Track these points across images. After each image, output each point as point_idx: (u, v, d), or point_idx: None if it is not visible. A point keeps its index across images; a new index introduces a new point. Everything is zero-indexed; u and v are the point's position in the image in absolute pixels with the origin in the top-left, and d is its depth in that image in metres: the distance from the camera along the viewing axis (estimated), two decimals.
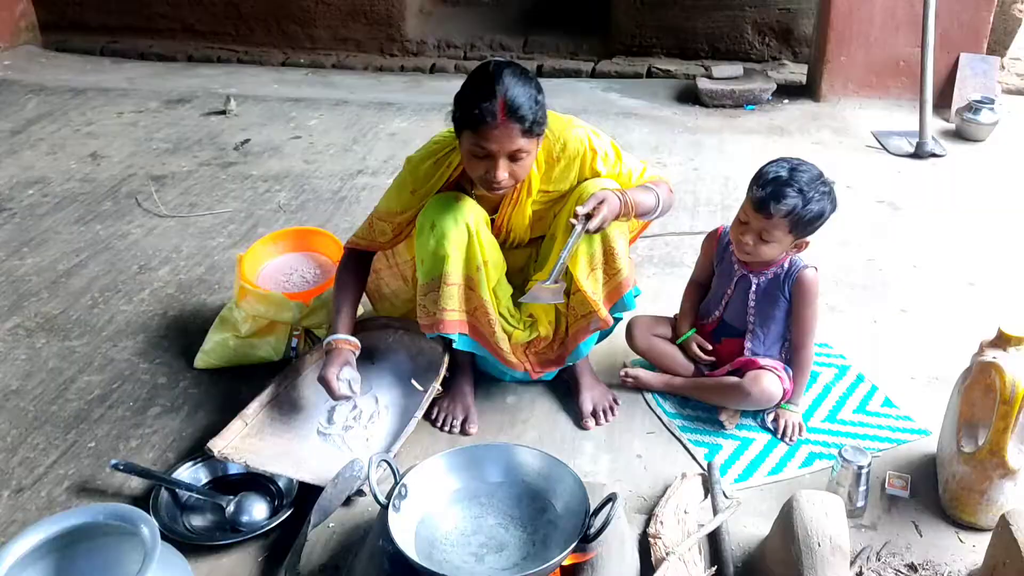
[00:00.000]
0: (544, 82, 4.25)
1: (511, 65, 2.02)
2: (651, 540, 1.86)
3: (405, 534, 1.72)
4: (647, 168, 2.35)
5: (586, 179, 2.22)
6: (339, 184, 3.81)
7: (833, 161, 3.97)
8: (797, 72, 5.11)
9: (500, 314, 2.29)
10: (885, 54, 4.49)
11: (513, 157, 2.01)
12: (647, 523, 1.94)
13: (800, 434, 2.30)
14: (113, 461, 2.15)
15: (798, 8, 5.28)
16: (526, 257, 2.41)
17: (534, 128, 1.99)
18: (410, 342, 2.46)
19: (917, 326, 2.76)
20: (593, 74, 5.48)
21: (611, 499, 1.67)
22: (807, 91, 4.78)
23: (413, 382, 2.29)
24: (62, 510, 1.99)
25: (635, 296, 2.36)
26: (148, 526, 1.68)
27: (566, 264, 2.12)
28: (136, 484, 2.18)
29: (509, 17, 6.21)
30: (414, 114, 4.59)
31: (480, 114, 1.93)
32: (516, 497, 1.84)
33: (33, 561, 1.73)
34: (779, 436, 2.29)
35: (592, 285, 2.23)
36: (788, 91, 4.80)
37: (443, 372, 2.31)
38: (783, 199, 2.08)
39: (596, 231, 2.11)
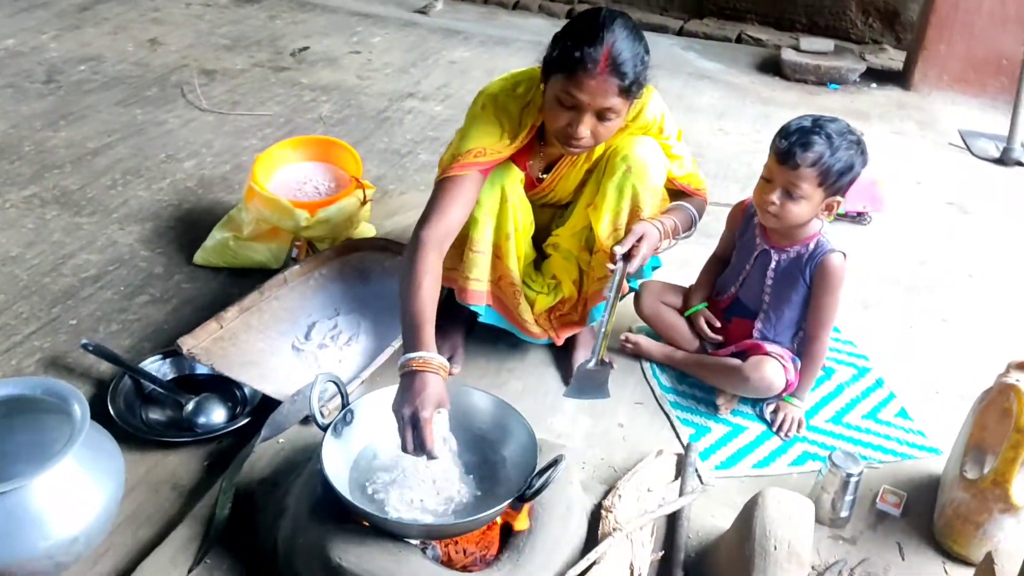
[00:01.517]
0: None
1: (624, 16, 1.83)
2: (603, 512, 1.73)
3: (339, 460, 1.63)
4: (696, 169, 2.20)
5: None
6: (386, 104, 3.70)
7: (910, 154, 3.71)
8: (896, 59, 4.78)
9: (523, 282, 2.18)
10: (987, 49, 4.13)
11: (602, 115, 1.83)
12: (606, 495, 1.81)
13: (798, 431, 2.13)
14: (84, 341, 2.10)
15: None
16: (551, 215, 2.27)
17: (632, 89, 1.82)
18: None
19: (956, 339, 2.53)
20: (680, 32, 5.23)
21: (556, 461, 1.54)
22: (898, 78, 4.46)
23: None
24: None
25: (653, 267, 2.21)
26: (80, 405, 1.64)
27: (607, 334, 2.01)
28: (105, 368, 2.14)
29: None
30: (480, 45, 4.43)
31: (580, 58, 1.75)
32: (466, 442, 1.72)
33: None
34: (774, 429, 2.13)
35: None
36: (878, 75, 4.48)
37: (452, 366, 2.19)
38: (810, 147, 1.90)
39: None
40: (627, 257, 1.96)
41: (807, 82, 4.36)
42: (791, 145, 1.91)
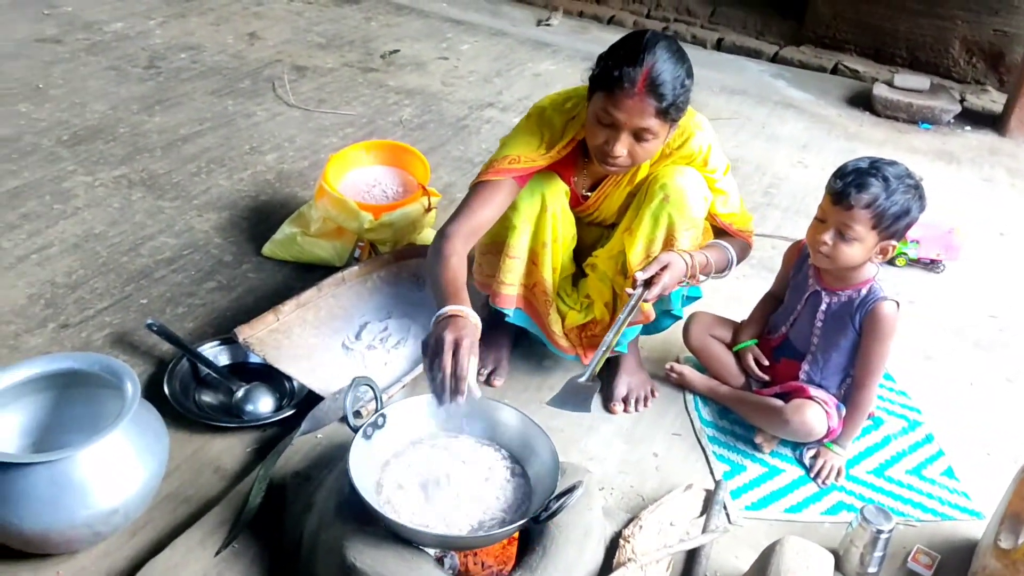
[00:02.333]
0: (716, 56, 4.04)
1: (669, 39, 1.86)
2: (621, 541, 1.74)
3: (366, 463, 1.67)
4: (742, 208, 2.17)
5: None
6: (466, 112, 3.76)
7: (996, 203, 3.58)
8: (998, 101, 4.61)
9: (557, 294, 2.20)
10: None
11: (639, 136, 1.85)
12: (628, 523, 1.82)
13: (837, 479, 2.09)
14: (149, 321, 2.21)
15: (1016, 33, 4.75)
16: (599, 235, 2.28)
17: (670, 111, 1.83)
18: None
19: (1018, 400, 2.44)
20: (774, 59, 5.15)
21: (573, 487, 1.56)
22: (995, 122, 4.31)
23: None
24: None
25: (693, 297, 2.20)
26: (132, 384, 1.73)
27: (607, 352, 1.95)
28: (166, 348, 2.24)
29: None
30: (567, 59, 4.46)
31: (619, 77, 1.79)
32: (496, 458, 1.75)
33: (33, 392, 1.83)
34: (812, 475, 2.10)
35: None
36: (974, 118, 4.34)
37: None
38: (865, 188, 1.87)
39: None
40: (648, 284, 1.93)
41: (898, 119, 4.25)
42: (846, 186, 1.89)
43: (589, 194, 2.13)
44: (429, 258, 1.89)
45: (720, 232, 2.16)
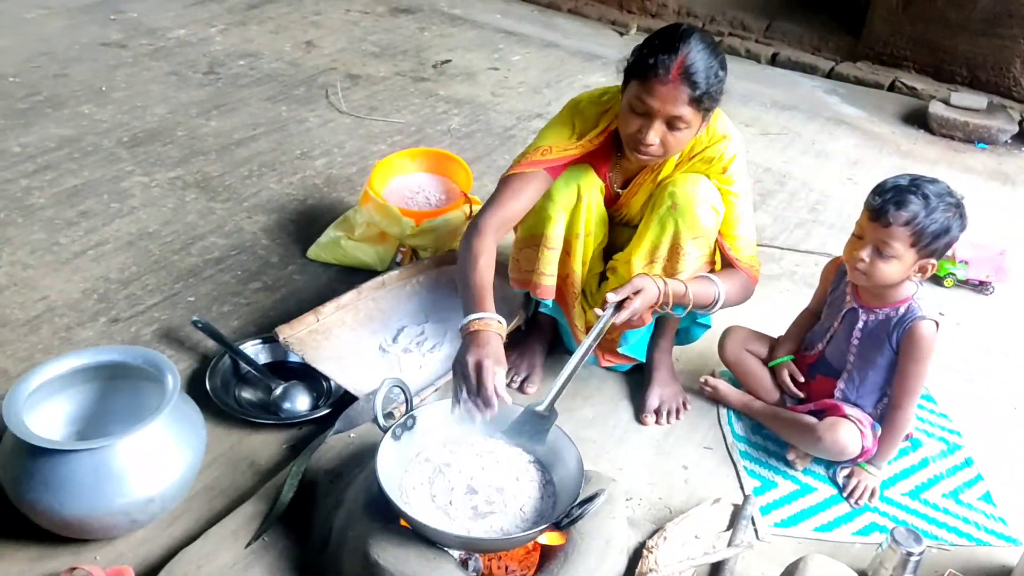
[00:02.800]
0: (768, 71, 4.05)
1: (703, 32, 1.89)
2: (644, 552, 1.75)
3: (394, 463, 1.71)
4: (752, 244, 2.14)
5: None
6: (513, 122, 3.80)
7: None
8: None
9: (581, 291, 2.21)
10: None
11: (671, 124, 1.88)
12: (653, 534, 1.82)
13: (870, 500, 2.07)
14: (194, 318, 2.28)
15: None
16: (628, 236, 2.29)
17: (703, 100, 1.85)
18: (499, 285, 2.40)
19: None
20: (830, 74, 5.10)
21: (596, 495, 1.57)
22: None
23: None
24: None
25: (695, 319, 2.20)
26: (173, 378, 1.79)
27: (569, 380, 1.78)
28: (211, 345, 2.31)
29: None
30: (616, 72, 4.44)
31: (653, 65, 1.82)
32: (522, 463, 1.77)
33: (80, 382, 1.90)
34: (845, 494, 2.07)
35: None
36: None
37: (514, 325, 2.26)
38: (904, 206, 1.85)
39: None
40: (619, 307, 1.88)
41: (953, 138, 4.17)
42: (885, 202, 1.87)
43: (622, 191, 2.15)
44: (460, 252, 1.96)
45: (727, 265, 2.13)
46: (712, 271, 2.12)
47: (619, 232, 2.26)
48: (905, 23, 5.05)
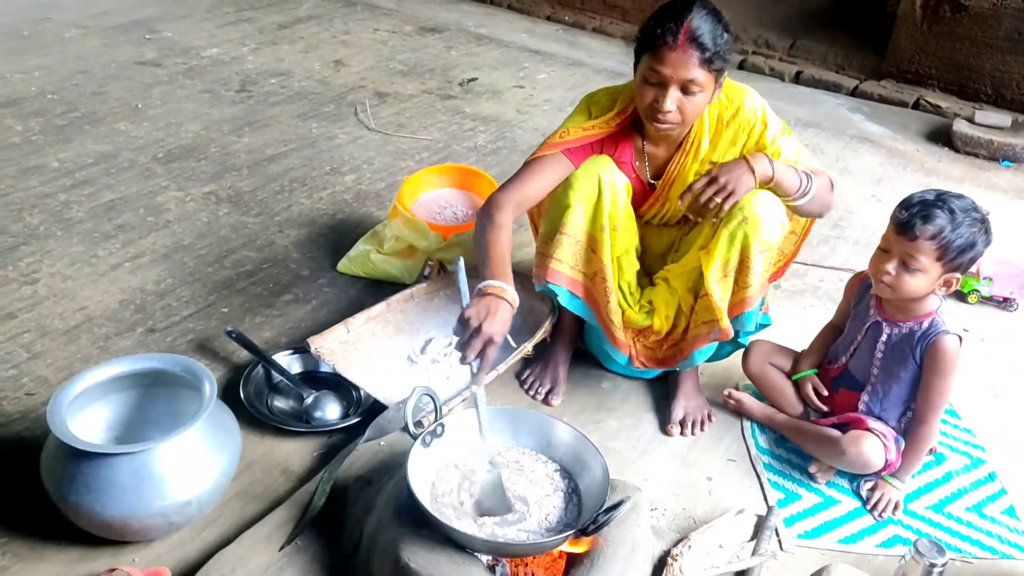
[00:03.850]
0: (792, 88, 4.08)
1: (704, 0, 1.97)
2: (669, 560, 1.77)
3: (424, 469, 1.75)
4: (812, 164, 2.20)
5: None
6: (539, 139, 3.82)
7: None
8: None
9: (619, 287, 2.24)
10: None
11: (686, 88, 1.95)
12: (677, 543, 1.85)
13: (894, 513, 2.08)
14: (228, 328, 2.34)
15: None
16: (670, 242, 2.34)
17: (714, 60, 1.93)
18: (525, 299, 2.44)
19: None
20: (854, 92, 5.12)
21: (621, 502, 1.61)
22: None
23: (508, 337, 2.29)
24: None
25: (758, 321, 2.22)
26: (210, 385, 1.84)
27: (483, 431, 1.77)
28: (244, 355, 2.36)
29: (783, 16, 5.91)
30: (628, 52, 4.51)
31: (661, 34, 1.91)
32: (548, 471, 1.81)
33: (120, 389, 1.96)
34: (869, 507, 2.09)
35: (721, 291, 2.12)
36: None
37: (539, 336, 2.30)
38: (931, 220, 1.88)
39: (722, 197, 2.00)
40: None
41: (978, 156, 4.18)
42: (911, 216, 1.90)
43: (655, 182, 2.19)
44: (479, 224, 2.00)
45: None
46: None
47: (658, 237, 2.30)
48: (930, 41, 5.07)
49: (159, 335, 2.45)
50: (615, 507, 1.61)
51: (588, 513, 1.67)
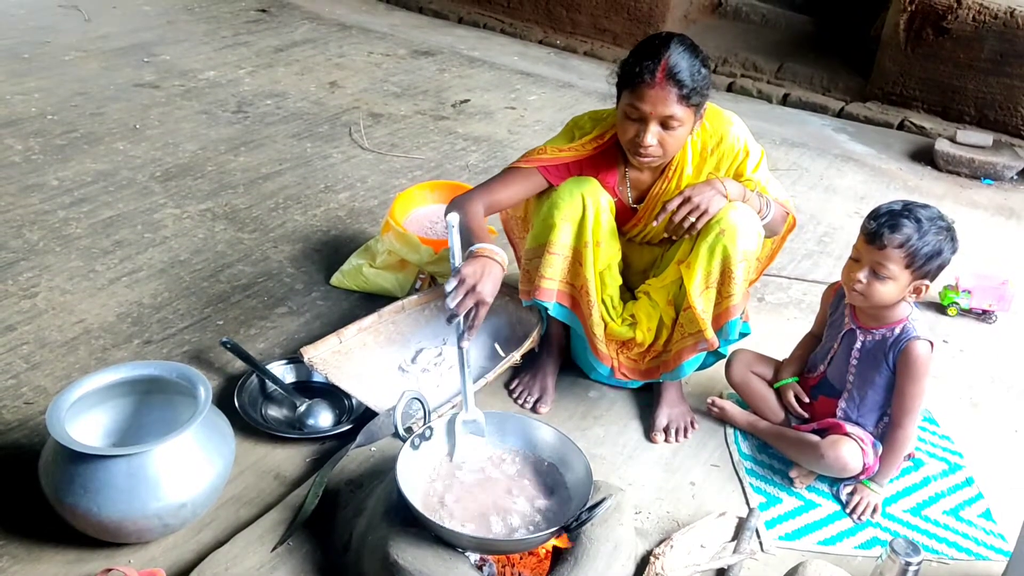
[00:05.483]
0: (779, 110, 4.20)
1: (682, 36, 2.06)
2: (651, 558, 1.82)
3: (413, 470, 1.80)
4: (786, 199, 2.29)
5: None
6: None
7: None
8: None
9: (602, 300, 2.30)
10: None
11: (665, 124, 2.02)
12: (660, 543, 1.90)
13: (872, 516, 2.13)
14: (223, 339, 2.39)
15: None
16: (652, 259, 2.40)
17: (692, 96, 2.00)
18: (514, 309, 2.53)
19: None
20: (840, 114, 5.22)
21: (603, 499, 1.66)
22: None
23: (496, 346, 2.36)
24: None
25: (740, 331, 2.28)
26: (205, 390, 1.90)
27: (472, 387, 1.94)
28: (238, 365, 2.42)
29: (770, 40, 6.04)
30: (610, 86, 4.60)
31: (640, 72, 1.98)
32: (533, 472, 1.87)
33: (117, 396, 2.01)
34: (848, 511, 2.14)
35: (704, 303, 2.19)
36: None
37: (527, 346, 2.36)
38: (898, 229, 1.96)
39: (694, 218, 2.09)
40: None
41: (960, 174, 4.27)
42: (879, 226, 1.97)
43: (637, 206, 2.26)
44: (453, 210, 2.03)
45: None
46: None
47: (639, 254, 2.37)
48: (914, 64, 5.16)
49: (155, 346, 2.50)
50: (597, 505, 1.66)
51: (572, 510, 1.72)
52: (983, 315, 3.00)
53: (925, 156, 4.41)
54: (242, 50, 4.88)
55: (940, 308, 3.01)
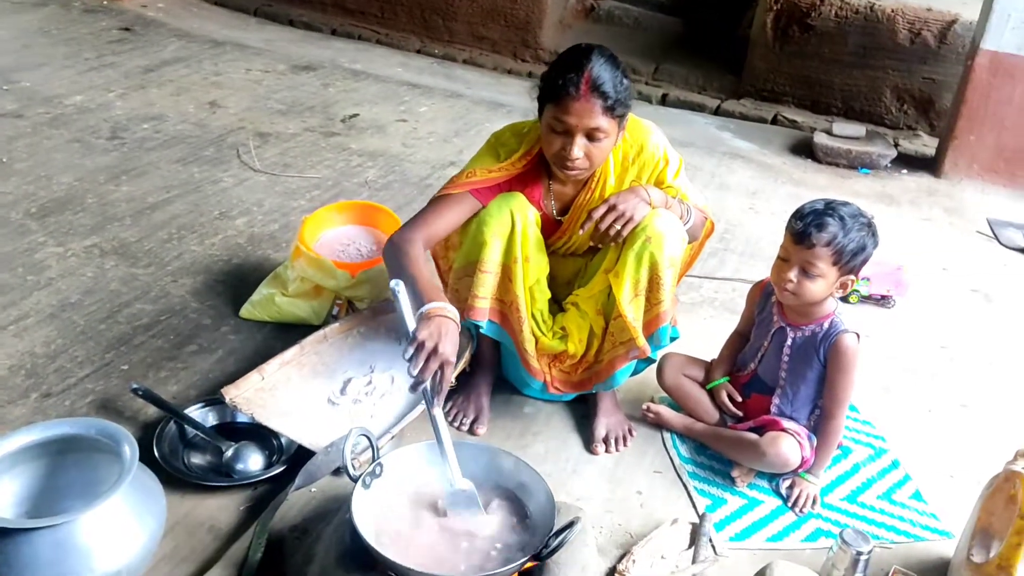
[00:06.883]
0: (663, 111, 4.23)
1: (601, 48, 2.04)
2: (616, 575, 1.80)
3: (367, 511, 1.72)
4: (704, 204, 2.32)
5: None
6: (428, 171, 3.86)
7: (937, 240, 3.78)
8: (930, 145, 4.87)
9: (532, 315, 2.27)
10: (1018, 140, 4.23)
11: (591, 136, 2.01)
12: (621, 559, 1.88)
13: (813, 507, 2.18)
14: (134, 385, 2.23)
15: (944, 80, 5.03)
16: (576, 270, 2.39)
17: (616, 108, 2.00)
18: None
19: (974, 425, 2.58)
20: (717, 112, 5.38)
21: (572, 523, 1.63)
22: (929, 165, 4.55)
23: None
24: None
25: (670, 336, 2.30)
26: (130, 447, 1.75)
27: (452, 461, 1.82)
28: (152, 412, 2.26)
29: (646, 43, 6.17)
30: (522, 117, 4.58)
31: (563, 85, 1.96)
32: (491, 500, 1.82)
33: (27, 460, 1.84)
34: (790, 504, 2.19)
35: (634, 311, 2.19)
36: (909, 162, 4.59)
37: (460, 366, 2.30)
38: (824, 227, 2.02)
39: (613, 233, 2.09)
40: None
41: (839, 165, 4.47)
42: (806, 226, 2.02)
43: (562, 218, 2.25)
44: (392, 260, 2.02)
45: None
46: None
47: (564, 265, 2.35)
48: (782, 60, 5.38)
49: (56, 399, 2.31)
50: (566, 529, 1.63)
51: (539, 538, 1.68)
52: (882, 300, 3.14)
53: (805, 149, 4.60)
54: (109, 72, 4.61)
55: (842, 297, 3.12)
